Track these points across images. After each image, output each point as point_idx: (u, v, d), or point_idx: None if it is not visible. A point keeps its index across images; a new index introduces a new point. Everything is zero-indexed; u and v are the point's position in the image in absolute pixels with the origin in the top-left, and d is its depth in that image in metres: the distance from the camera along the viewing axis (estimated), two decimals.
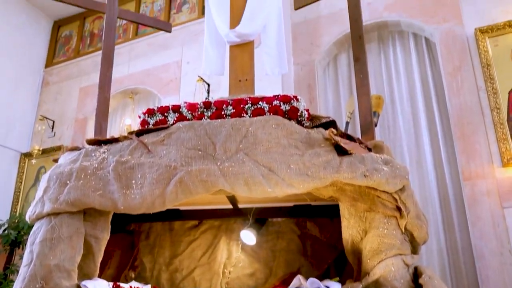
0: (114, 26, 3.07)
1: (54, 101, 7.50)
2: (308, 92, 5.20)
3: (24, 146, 7.21)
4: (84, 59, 7.54)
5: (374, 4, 5.18)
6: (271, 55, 2.90)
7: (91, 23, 7.91)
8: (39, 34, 7.88)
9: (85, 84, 7.28)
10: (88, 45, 7.73)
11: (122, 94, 6.93)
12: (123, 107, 7.08)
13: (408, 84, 4.93)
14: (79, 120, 7.05)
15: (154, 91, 6.59)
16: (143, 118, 2.33)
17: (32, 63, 7.66)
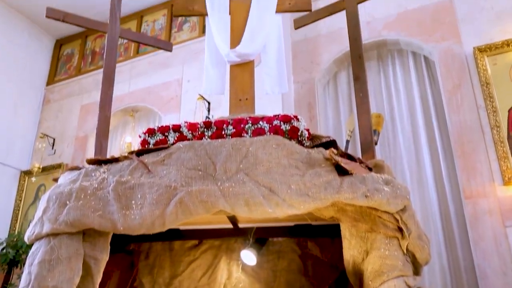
0: (116, 46, 3.09)
1: (55, 118, 7.52)
2: (308, 110, 5.21)
3: (24, 164, 7.21)
4: (86, 77, 7.58)
5: (373, 23, 5.23)
6: (271, 74, 2.91)
7: (93, 42, 7.98)
8: (41, 52, 7.94)
9: (86, 101, 7.31)
10: (90, 63, 7.78)
11: (122, 112, 6.95)
12: (124, 125, 7.09)
13: (407, 101, 4.95)
14: (80, 137, 7.05)
15: (154, 109, 6.61)
16: (143, 138, 2.33)
17: (33, 81, 7.70)
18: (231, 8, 2.99)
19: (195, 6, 3.08)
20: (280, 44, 3.00)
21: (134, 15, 7.60)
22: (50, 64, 8.11)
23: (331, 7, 3.10)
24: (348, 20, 2.94)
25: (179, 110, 6.35)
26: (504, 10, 4.53)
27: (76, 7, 7.18)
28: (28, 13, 7.62)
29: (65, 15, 3.02)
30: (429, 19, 4.92)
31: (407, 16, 5.06)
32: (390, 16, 5.15)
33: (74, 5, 7.22)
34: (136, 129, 6.87)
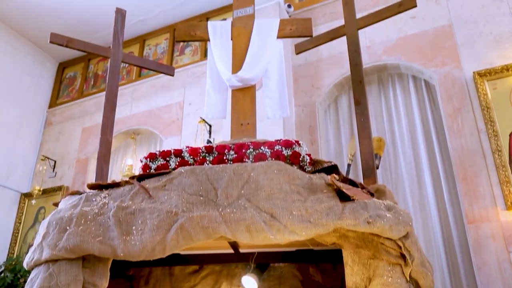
0: (118, 71, 3.12)
1: (56, 141, 7.54)
2: (309, 134, 5.22)
3: (25, 186, 7.19)
4: (87, 99, 7.63)
5: (373, 48, 5.28)
6: (273, 99, 2.92)
7: (95, 65, 8.06)
8: (44, 76, 8.02)
9: (88, 124, 7.34)
10: (92, 86, 7.85)
11: (124, 134, 6.97)
12: (125, 147, 7.10)
13: (408, 125, 4.96)
14: (81, 160, 7.06)
15: (156, 131, 6.63)
16: (144, 163, 2.33)
17: (36, 104, 7.76)
18: (233, 33, 3.03)
19: (197, 31, 3.12)
20: (282, 68, 3.03)
21: (136, 38, 7.70)
22: (53, 87, 8.18)
23: (331, 33, 3.14)
24: (349, 46, 2.97)
25: (180, 133, 6.37)
26: (502, 35, 4.59)
27: (79, 31, 7.30)
28: (32, 37, 7.73)
29: (69, 41, 3.06)
30: (428, 44, 4.97)
31: (406, 41, 5.12)
32: (390, 40, 5.21)
33: (77, 29, 7.34)
34: (137, 152, 6.88)
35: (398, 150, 4.87)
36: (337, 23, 5.16)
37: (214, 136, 5.90)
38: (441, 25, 5.00)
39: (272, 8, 5.68)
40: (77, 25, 7.40)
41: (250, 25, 3.03)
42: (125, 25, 3.35)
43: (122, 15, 3.32)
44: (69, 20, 7.33)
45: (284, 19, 3.09)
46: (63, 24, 7.34)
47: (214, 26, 3.08)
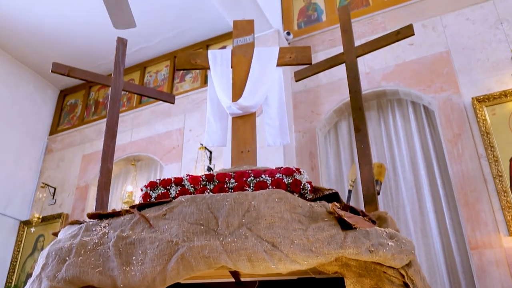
0: (119, 99, 3.14)
1: (56, 168, 7.54)
2: (310, 159, 5.23)
3: (24, 214, 7.16)
4: (88, 126, 7.67)
5: (372, 74, 5.33)
6: (273, 126, 2.93)
7: (96, 92, 8.13)
8: (45, 103, 8.08)
9: (88, 151, 7.36)
10: (93, 113, 7.90)
11: (124, 161, 6.98)
12: (125, 174, 7.10)
13: (408, 151, 4.97)
14: (81, 187, 7.04)
15: (156, 158, 6.64)
16: (145, 191, 2.32)
17: (37, 131, 7.79)
18: (233, 62, 3.06)
19: (198, 59, 3.15)
20: (281, 95, 3.05)
21: (137, 66, 7.79)
22: (54, 114, 8.23)
23: (331, 60, 3.17)
24: (348, 73, 3.00)
25: (180, 160, 6.38)
26: (499, 61, 4.64)
27: (80, 59, 7.39)
28: (34, 65, 7.82)
29: (70, 70, 3.09)
30: (426, 70, 5.02)
31: (405, 67, 5.17)
32: (389, 67, 5.27)
33: (79, 57, 7.43)
34: (137, 178, 6.88)
35: (398, 175, 4.87)
36: (336, 50, 5.27)
37: (214, 163, 5.91)
38: (438, 51, 5.06)
39: (272, 36, 5.77)
40: (78, 52, 7.50)
41: (250, 53, 3.06)
42: (126, 53, 3.39)
43: (123, 44, 3.37)
44: (71, 48, 7.43)
45: (284, 47, 3.13)
46: (65, 52, 7.45)
47: (214, 54, 3.11)
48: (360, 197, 4.42)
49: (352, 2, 6.04)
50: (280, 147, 4.82)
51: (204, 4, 6.62)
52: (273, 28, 5.80)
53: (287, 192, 2.10)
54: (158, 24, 7.07)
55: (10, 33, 7.12)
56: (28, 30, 7.07)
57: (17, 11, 6.75)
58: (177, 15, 6.96)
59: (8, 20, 6.88)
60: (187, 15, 6.96)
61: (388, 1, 5.77)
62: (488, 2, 5.04)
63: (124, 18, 3.37)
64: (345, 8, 3.16)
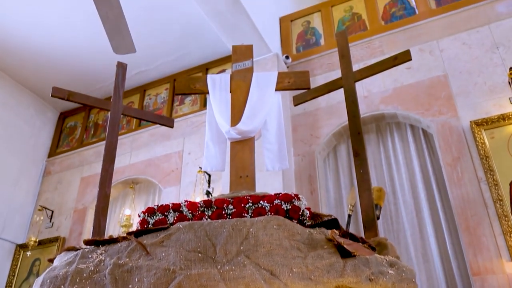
0: (118, 124, 3.14)
1: (54, 190, 7.50)
2: (309, 183, 5.21)
3: (21, 237, 7.09)
4: (87, 149, 7.66)
5: (370, 98, 5.36)
6: (272, 151, 2.92)
7: (96, 114, 8.15)
8: (44, 125, 8.09)
9: (87, 173, 7.33)
10: (92, 135, 7.90)
11: (123, 184, 6.95)
12: (124, 197, 7.06)
13: (408, 174, 4.95)
14: (78, 210, 6.99)
15: (155, 181, 6.62)
16: (142, 217, 2.30)
17: (36, 153, 7.78)
18: (232, 86, 3.07)
19: (197, 84, 3.16)
20: (280, 120, 3.05)
21: (137, 88, 7.83)
22: (53, 136, 8.23)
23: (329, 85, 3.18)
24: (346, 98, 3.01)
25: (179, 183, 6.36)
26: (496, 85, 4.67)
27: (80, 81, 7.44)
28: (35, 88, 7.86)
29: (70, 94, 3.10)
30: (424, 94, 5.05)
31: (403, 91, 5.20)
32: (387, 90, 5.30)
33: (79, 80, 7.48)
34: (136, 201, 6.84)
35: (398, 199, 4.84)
36: (334, 74, 5.30)
37: (213, 186, 5.88)
38: (436, 75, 5.10)
39: (271, 59, 5.81)
40: (79, 75, 7.55)
41: (248, 78, 3.07)
42: (126, 77, 3.41)
43: (123, 69, 3.38)
44: (71, 71, 7.48)
45: (282, 72, 3.15)
46: (65, 74, 7.50)
47: (213, 79, 3.12)
48: (360, 221, 4.39)
49: (350, 27, 6.11)
50: (279, 171, 4.80)
51: (203, 28, 6.70)
52: (272, 52, 5.85)
53: (286, 219, 2.08)
54: (158, 47, 7.14)
55: (12, 56, 7.17)
56: (30, 53, 7.14)
57: (19, 35, 6.82)
58: (177, 39, 7.03)
59: (9, 44, 6.95)
60: (187, 39, 7.04)
61: (385, 25, 5.84)
62: (483, 27, 5.10)
63: (124, 43, 3.39)
64: (343, 34, 3.19)
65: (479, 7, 5.26)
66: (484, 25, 5.11)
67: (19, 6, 6.38)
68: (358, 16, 6.14)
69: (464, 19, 5.28)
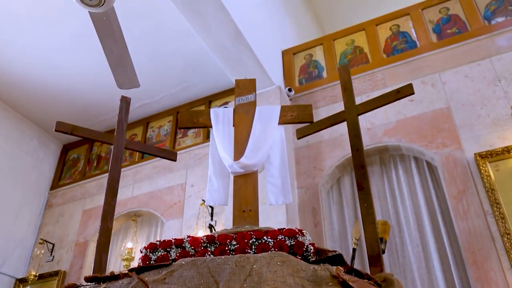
0: (121, 157, 3.16)
1: (55, 223, 7.46)
2: (313, 216, 5.17)
3: (21, 271, 7.01)
4: (89, 181, 7.66)
5: (373, 130, 5.38)
6: (275, 185, 2.92)
7: (99, 147, 8.18)
8: (47, 158, 8.12)
9: (89, 206, 7.30)
10: (95, 167, 7.91)
11: (125, 216, 6.92)
12: (126, 230, 7.02)
13: (413, 207, 4.91)
14: (80, 243, 6.93)
15: (157, 213, 6.58)
16: (144, 254, 2.28)
17: (38, 186, 7.78)
18: (235, 120, 3.09)
19: (200, 118, 3.18)
20: (283, 154, 3.05)
21: (140, 121, 7.89)
22: (56, 168, 8.24)
23: (332, 118, 3.20)
24: (349, 131, 3.01)
25: (182, 215, 6.32)
26: (500, 117, 4.68)
27: (84, 114, 7.52)
28: (38, 120, 7.93)
29: (73, 128, 3.13)
30: (428, 126, 5.06)
31: (406, 123, 5.22)
32: (390, 123, 5.32)
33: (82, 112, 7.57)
34: (138, 234, 6.79)
35: (404, 232, 4.79)
36: (337, 106, 5.35)
37: (216, 219, 5.84)
38: (439, 107, 5.12)
39: (274, 92, 5.88)
40: (82, 108, 7.64)
41: (251, 112, 3.10)
42: (130, 109, 3.44)
43: (127, 103, 3.42)
44: (75, 104, 7.57)
45: (285, 106, 3.18)
46: (69, 107, 7.58)
47: (216, 113, 3.15)
48: (365, 255, 4.33)
49: (352, 60, 6.20)
50: (283, 204, 4.78)
51: (207, 61, 6.80)
52: (275, 84, 5.92)
53: (290, 255, 2.06)
54: (162, 80, 7.23)
55: (16, 89, 7.27)
56: (34, 86, 7.24)
57: (23, 68, 6.93)
58: (180, 71, 7.13)
59: (14, 77, 7.06)
60: (190, 72, 7.13)
61: (387, 58, 5.92)
62: (485, 60, 5.16)
63: (128, 77, 3.45)
64: (345, 68, 3.23)
65: (479, 40, 5.34)
66: (485, 58, 5.17)
67: (23, 40, 6.52)
68: (360, 49, 6.23)
69: (465, 53, 5.35)
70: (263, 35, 6.09)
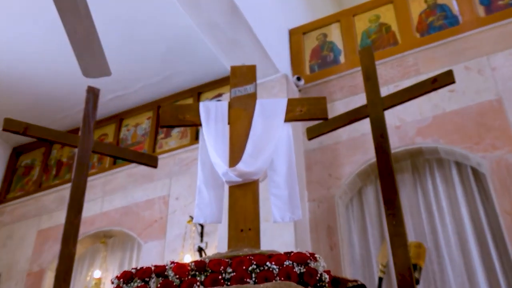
0: (87, 163, 3.17)
1: (2, 247, 7.45)
2: (328, 236, 5.18)
3: None
4: (47, 193, 7.65)
5: (404, 128, 5.38)
6: (281, 197, 2.92)
7: (59, 150, 8.18)
8: None
9: (45, 225, 7.30)
10: (54, 176, 7.90)
11: (91, 238, 6.92)
12: (93, 255, 7.03)
13: (455, 224, 4.91)
14: (33, 273, 6.94)
15: (133, 234, 6.60)
16: (116, 285, 2.29)
17: None
18: (231, 117, 3.10)
19: (187, 114, 3.19)
20: (291, 159, 3.06)
21: (112, 117, 7.91)
22: (3, 178, 8.20)
23: (351, 114, 3.21)
24: (373, 130, 3.03)
25: (164, 236, 6.33)
26: None
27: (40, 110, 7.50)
28: None
29: (27, 127, 3.14)
30: (473, 123, 5.06)
31: (445, 120, 5.22)
32: (425, 119, 5.32)
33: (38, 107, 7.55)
34: (108, 260, 6.80)
35: (443, 257, 4.79)
36: (358, 99, 5.36)
37: (207, 240, 5.86)
38: (487, 99, 5.13)
39: (279, 81, 5.88)
40: (38, 102, 7.64)
41: (251, 107, 3.11)
42: (99, 103, 3.45)
43: (95, 95, 3.43)
44: (28, 97, 7.56)
45: (293, 99, 3.19)
46: (21, 101, 7.56)
47: (207, 107, 3.16)
48: (394, 286, 4.33)
49: (376, 41, 6.21)
50: (291, 222, 4.79)
51: (195, 44, 6.81)
52: (280, 72, 5.93)
53: (299, 286, 2.08)
54: (139, 67, 7.25)
55: None
56: None
57: None
58: (162, 57, 7.14)
59: None
60: (175, 57, 7.15)
61: (421, 38, 5.93)
62: None
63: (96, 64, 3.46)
64: (368, 51, 3.25)
65: None
66: None
67: None
68: (386, 27, 6.24)
69: None
70: (266, 11, 6.11)
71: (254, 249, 2.54)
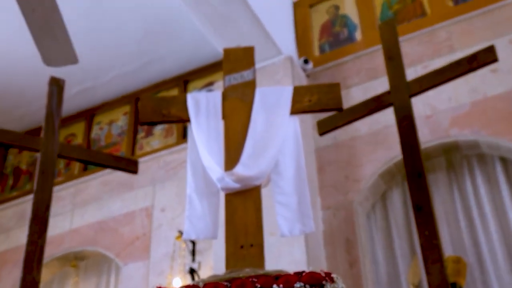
0: (52, 170, 3.17)
1: None
2: (346, 251, 5.18)
3: None
4: (3, 208, 7.65)
5: (436, 118, 5.37)
6: (288, 206, 2.91)
7: (17, 156, 8.17)
8: None
9: (2, 247, 7.30)
10: (11, 187, 7.90)
11: (60, 260, 6.94)
12: (61, 280, 7.06)
13: (502, 234, 4.92)
14: None
15: (110, 255, 6.60)
16: None
17: None
18: (225, 110, 3.10)
19: (172, 108, 3.19)
20: (299, 158, 3.07)
21: (81, 114, 7.91)
22: None
23: (371, 102, 3.22)
24: (398, 120, 3.04)
25: (148, 256, 6.34)
26: None
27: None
28: None
29: None
30: None
31: (487, 106, 5.22)
32: (461, 106, 5.32)
33: None
34: (81, 287, 6.80)
35: (488, 273, 4.80)
36: (378, 84, 5.35)
37: (200, 259, 5.86)
38: None
39: (282, 65, 5.88)
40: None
41: (249, 97, 3.11)
42: (65, 97, 3.45)
43: (60, 87, 3.43)
44: None
45: (300, 86, 3.20)
46: None
47: (196, 100, 3.16)
48: None
49: (400, 12, 6.19)
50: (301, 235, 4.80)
51: (179, 23, 6.80)
52: (284, 54, 5.93)
53: None
54: (112, 52, 7.24)
55: None
56: None
57: None
58: (140, 39, 7.14)
59: None
60: (155, 39, 7.14)
61: (454, 7, 5.91)
62: None
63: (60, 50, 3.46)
64: (390, 25, 3.25)
65: None
66: None
67: None
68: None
69: None
70: None
71: (257, 269, 2.55)
